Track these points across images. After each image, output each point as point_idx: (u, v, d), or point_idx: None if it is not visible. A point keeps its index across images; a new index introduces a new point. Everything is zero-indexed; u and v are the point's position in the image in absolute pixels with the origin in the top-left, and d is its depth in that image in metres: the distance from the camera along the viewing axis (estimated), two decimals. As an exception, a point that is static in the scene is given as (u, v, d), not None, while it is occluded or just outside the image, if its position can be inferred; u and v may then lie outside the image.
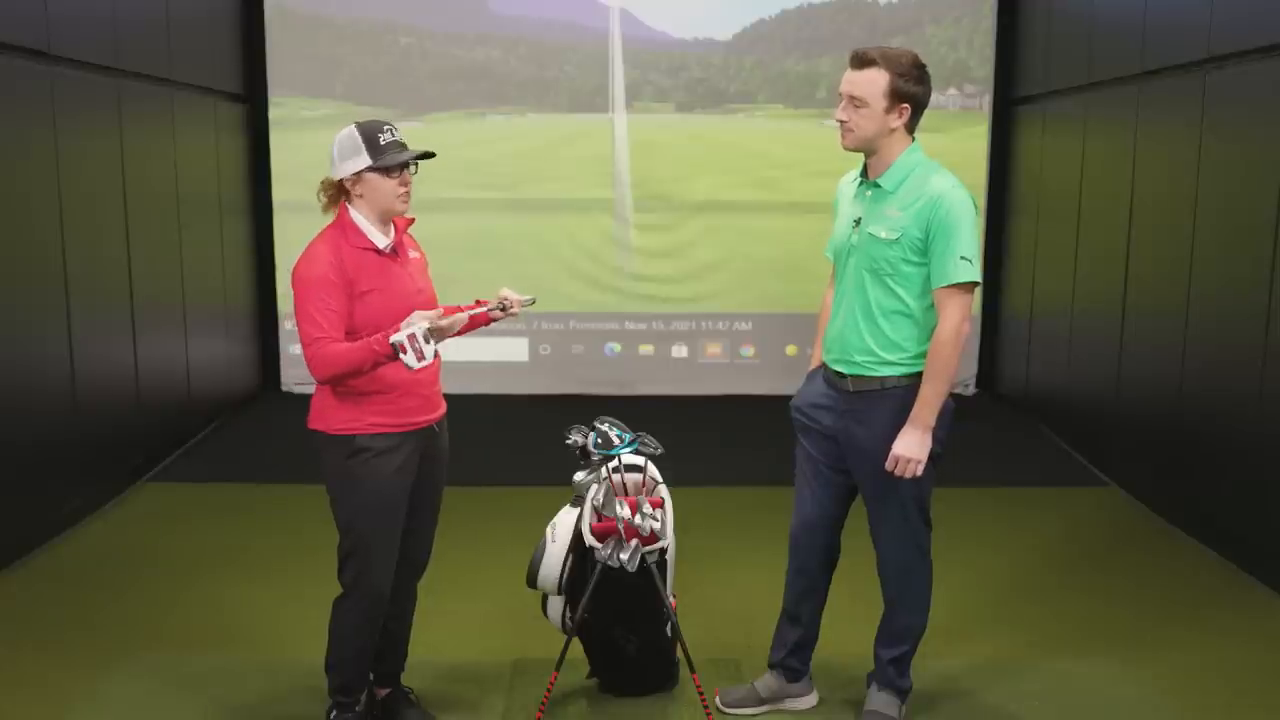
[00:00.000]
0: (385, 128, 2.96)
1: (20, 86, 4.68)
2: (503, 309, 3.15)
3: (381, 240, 3.01)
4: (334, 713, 3.21)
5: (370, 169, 2.93)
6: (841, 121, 3.07)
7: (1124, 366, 5.81)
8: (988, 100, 7.73)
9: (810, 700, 3.50)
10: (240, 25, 7.42)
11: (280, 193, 7.59)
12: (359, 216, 3.00)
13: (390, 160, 2.93)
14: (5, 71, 4.55)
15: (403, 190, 2.99)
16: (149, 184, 5.94)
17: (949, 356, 3.01)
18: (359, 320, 2.94)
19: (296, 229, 3.14)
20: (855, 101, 3.03)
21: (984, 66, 7.70)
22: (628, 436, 3.39)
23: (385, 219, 3.03)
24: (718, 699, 3.46)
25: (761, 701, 3.46)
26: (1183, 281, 5.11)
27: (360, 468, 2.98)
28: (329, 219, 3.06)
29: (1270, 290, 4.41)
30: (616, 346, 7.89)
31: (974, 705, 3.53)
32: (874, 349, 3.10)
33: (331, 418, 2.99)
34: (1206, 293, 4.96)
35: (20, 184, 4.68)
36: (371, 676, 3.34)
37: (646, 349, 7.90)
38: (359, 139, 2.93)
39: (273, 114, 7.61)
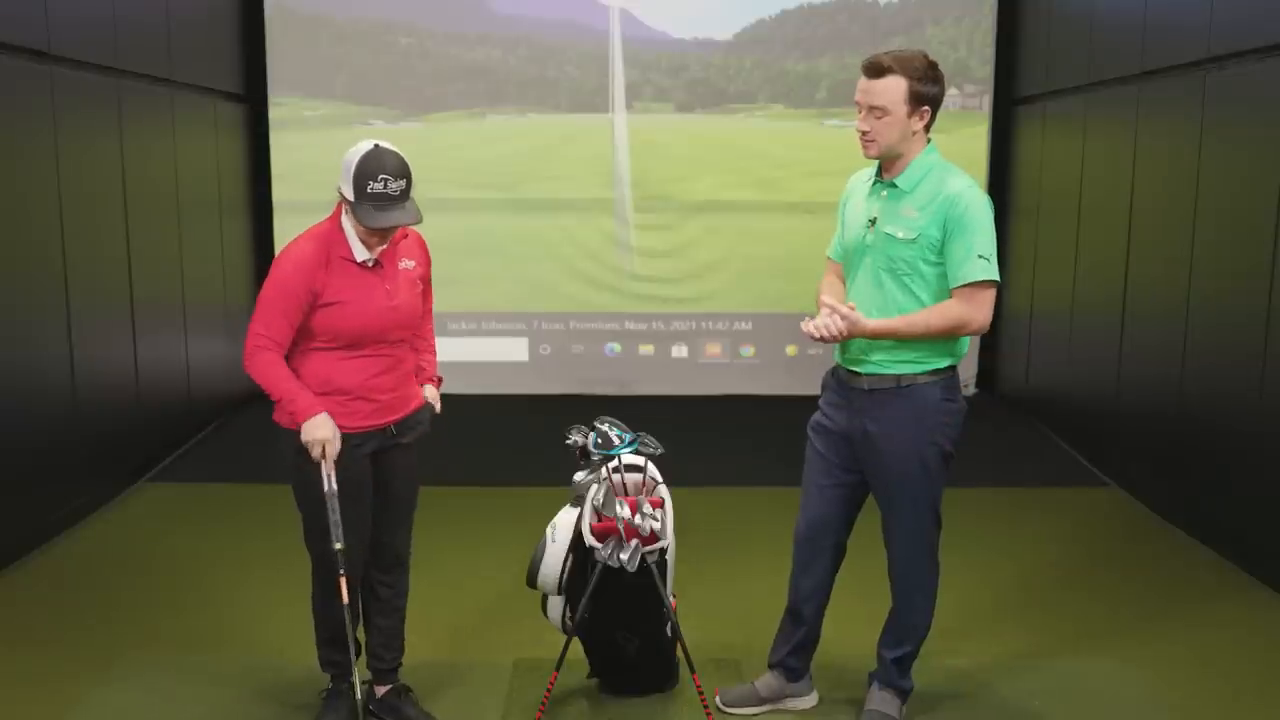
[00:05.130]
0: (381, 178, 2.85)
1: (20, 86, 4.68)
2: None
3: (362, 254, 3.01)
4: (330, 683, 3.32)
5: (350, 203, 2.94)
6: (863, 132, 3.05)
7: (1124, 366, 5.81)
8: (988, 100, 7.73)
9: (810, 700, 3.50)
10: (240, 25, 7.42)
11: (280, 193, 7.59)
12: (348, 226, 3.01)
13: (361, 215, 2.89)
14: (5, 71, 4.55)
15: (374, 240, 2.98)
16: (149, 184, 5.94)
17: (941, 325, 2.99)
18: (319, 326, 2.99)
19: (296, 229, 3.14)
20: (876, 111, 3.01)
21: (984, 66, 7.70)
22: (628, 436, 3.39)
23: None
24: (718, 699, 3.46)
25: (761, 701, 3.45)
26: (1183, 281, 5.11)
27: (307, 459, 3.02)
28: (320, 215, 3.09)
29: (1270, 290, 4.41)
30: (616, 346, 7.89)
31: (975, 704, 3.53)
32: (891, 348, 3.08)
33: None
34: (1206, 293, 4.95)
35: (20, 184, 4.68)
36: (370, 675, 3.36)
37: (646, 349, 7.90)
38: (352, 173, 2.88)
39: (273, 114, 7.61)
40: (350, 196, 2.90)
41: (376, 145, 2.92)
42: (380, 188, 2.86)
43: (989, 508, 5.43)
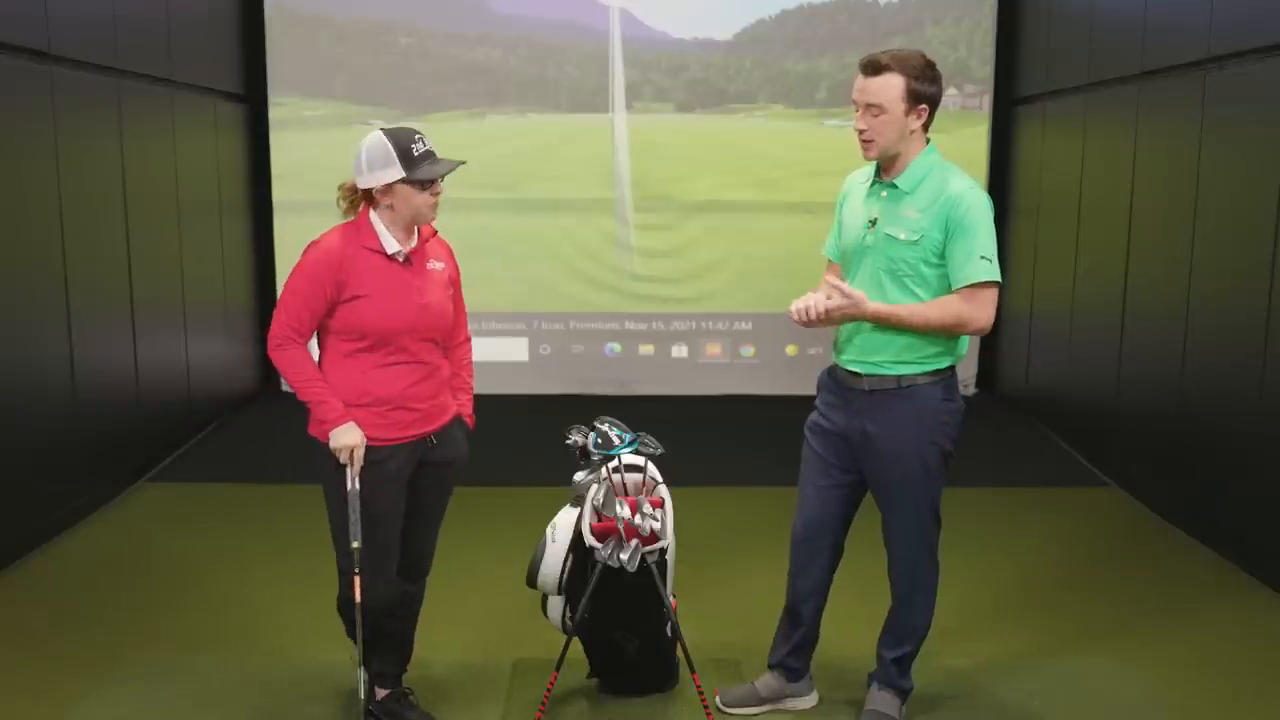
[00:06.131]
0: (416, 138, 2.95)
1: (20, 86, 4.68)
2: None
3: (392, 246, 2.99)
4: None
5: (403, 181, 2.92)
6: (860, 131, 3.05)
7: (1124, 366, 5.81)
8: (988, 100, 7.73)
9: (810, 700, 3.50)
10: (240, 25, 7.42)
11: (280, 193, 7.59)
12: (378, 221, 3.00)
13: (424, 174, 2.93)
14: (5, 71, 4.55)
15: (433, 201, 3.00)
16: (149, 184, 5.94)
17: (941, 320, 2.99)
18: (348, 324, 2.97)
19: (296, 229, 3.16)
20: (873, 109, 3.00)
21: (984, 66, 7.70)
22: (628, 436, 3.39)
23: (411, 227, 3.04)
24: (718, 699, 3.46)
25: (761, 701, 3.46)
26: (1183, 281, 5.11)
27: (335, 463, 2.99)
28: (332, 222, 3.07)
29: (1270, 290, 4.41)
30: (616, 346, 7.89)
31: (975, 704, 3.53)
32: (892, 350, 3.08)
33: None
34: (1206, 293, 4.95)
35: (20, 184, 4.68)
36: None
37: (646, 349, 7.90)
38: (391, 150, 2.91)
39: (273, 114, 7.61)
40: (401, 171, 2.91)
41: (383, 126, 3.01)
42: (421, 147, 2.96)
43: (989, 508, 5.43)
